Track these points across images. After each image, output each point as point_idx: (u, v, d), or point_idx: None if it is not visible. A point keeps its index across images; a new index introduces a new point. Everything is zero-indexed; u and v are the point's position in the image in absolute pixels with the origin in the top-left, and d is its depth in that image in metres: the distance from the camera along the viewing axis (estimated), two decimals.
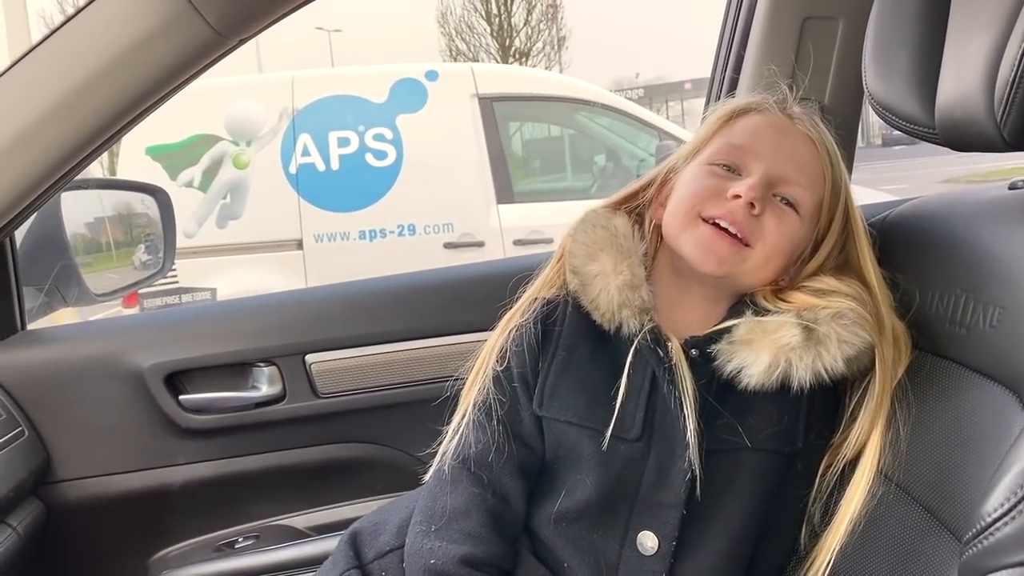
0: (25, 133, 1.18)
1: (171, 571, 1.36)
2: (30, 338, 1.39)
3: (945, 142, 0.82)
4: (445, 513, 0.86)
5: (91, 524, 1.37)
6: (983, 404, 0.71)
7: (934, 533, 0.72)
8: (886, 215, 0.99)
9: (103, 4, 1.18)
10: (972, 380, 0.75)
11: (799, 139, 0.91)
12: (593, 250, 0.89)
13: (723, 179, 0.88)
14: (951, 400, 0.77)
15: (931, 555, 0.70)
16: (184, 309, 1.26)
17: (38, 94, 1.18)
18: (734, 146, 0.91)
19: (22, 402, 1.32)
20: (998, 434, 0.66)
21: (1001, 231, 0.78)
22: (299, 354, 1.38)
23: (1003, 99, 0.71)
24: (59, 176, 1.24)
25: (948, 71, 0.80)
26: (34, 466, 1.28)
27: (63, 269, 1.45)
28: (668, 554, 0.83)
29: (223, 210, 4.98)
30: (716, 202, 0.86)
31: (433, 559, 0.84)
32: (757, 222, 0.86)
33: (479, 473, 0.87)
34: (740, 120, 0.93)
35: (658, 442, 0.84)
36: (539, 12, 16.41)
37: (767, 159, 0.88)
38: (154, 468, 1.38)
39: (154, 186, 1.61)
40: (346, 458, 1.42)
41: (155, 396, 1.35)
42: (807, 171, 0.89)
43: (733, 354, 0.83)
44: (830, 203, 0.90)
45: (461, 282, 1.43)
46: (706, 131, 0.95)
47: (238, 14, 1.18)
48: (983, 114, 0.74)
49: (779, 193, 0.87)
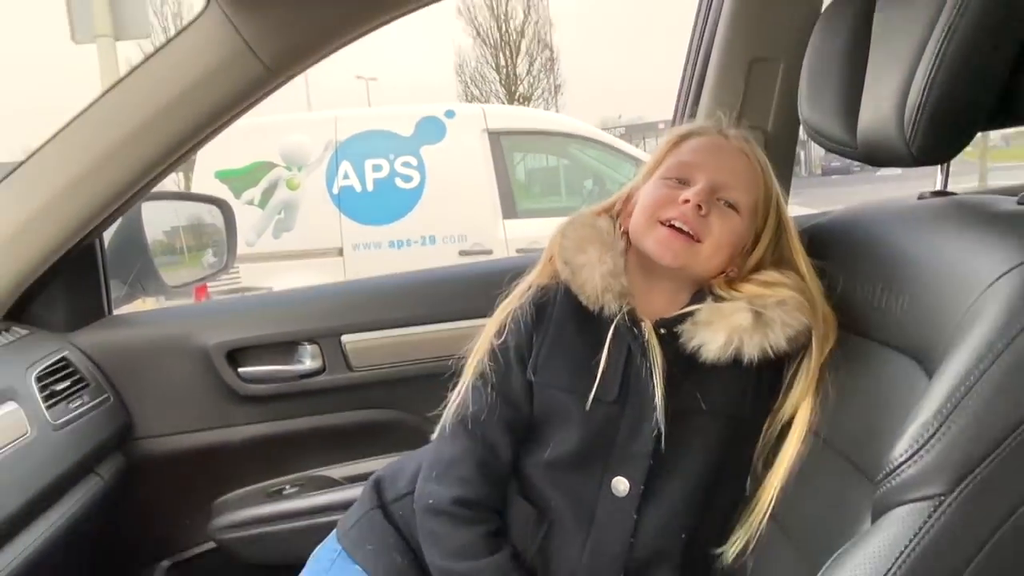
0: (111, 152, 1.19)
1: (230, 513, 1.37)
2: (115, 321, 1.40)
3: (864, 158, 0.83)
4: (443, 462, 0.87)
5: (164, 474, 1.37)
6: (894, 372, 0.72)
7: (854, 478, 0.72)
8: (819, 222, 1.00)
9: (175, 45, 1.20)
10: (886, 354, 0.75)
11: (734, 153, 0.92)
12: (582, 244, 0.89)
13: (675, 189, 0.89)
14: (869, 370, 0.77)
15: (851, 496, 0.71)
16: (243, 298, 1.27)
17: (121, 120, 1.19)
18: (682, 163, 0.91)
19: (108, 373, 1.33)
20: (906, 396, 0.66)
21: (910, 233, 0.78)
22: (336, 335, 1.38)
23: (911, 122, 0.72)
24: (138, 188, 1.25)
25: (867, 101, 0.81)
26: (117, 426, 1.30)
27: (143, 266, 1.47)
28: (637, 496, 0.84)
29: (278, 224, 5.00)
30: (670, 207, 0.87)
31: (431, 499, 0.86)
32: (705, 221, 0.86)
33: (473, 429, 0.87)
34: (685, 142, 0.94)
35: (631, 404, 0.85)
36: (539, 64, 16.44)
37: (709, 170, 0.89)
38: (216, 428, 1.39)
39: (220, 199, 1.62)
40: (373, 420, 1.42)
41: (218, 369, 1.36)
42: (743, 178, 0.90)
43: (695, 333, 0.84)
44: (764, 204, 0.91)
45: (467, 277, 1.43)
46: (659, 153, 0.96)
47: (287, 54, 1.19)
48: (895, 135, 0.74)
49: (722, 197, 0.88)
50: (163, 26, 11.41)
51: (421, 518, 0.87)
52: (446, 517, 0.85)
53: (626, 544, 0.84)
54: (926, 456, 0.58)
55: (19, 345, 1.21)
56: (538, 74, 16.65)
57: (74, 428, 1.16)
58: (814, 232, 0.97)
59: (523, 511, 0.87)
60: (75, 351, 1.29)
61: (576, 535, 0.85)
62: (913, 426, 0.59)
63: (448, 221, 4.89)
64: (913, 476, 0.58)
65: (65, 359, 1.25)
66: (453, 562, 0.83)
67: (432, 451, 0.91)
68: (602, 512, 0.85)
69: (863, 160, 0.84)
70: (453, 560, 0.83)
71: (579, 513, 0.86)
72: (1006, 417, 0.56)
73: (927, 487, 0.57)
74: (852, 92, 0.84)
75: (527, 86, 16.64)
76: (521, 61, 16.45)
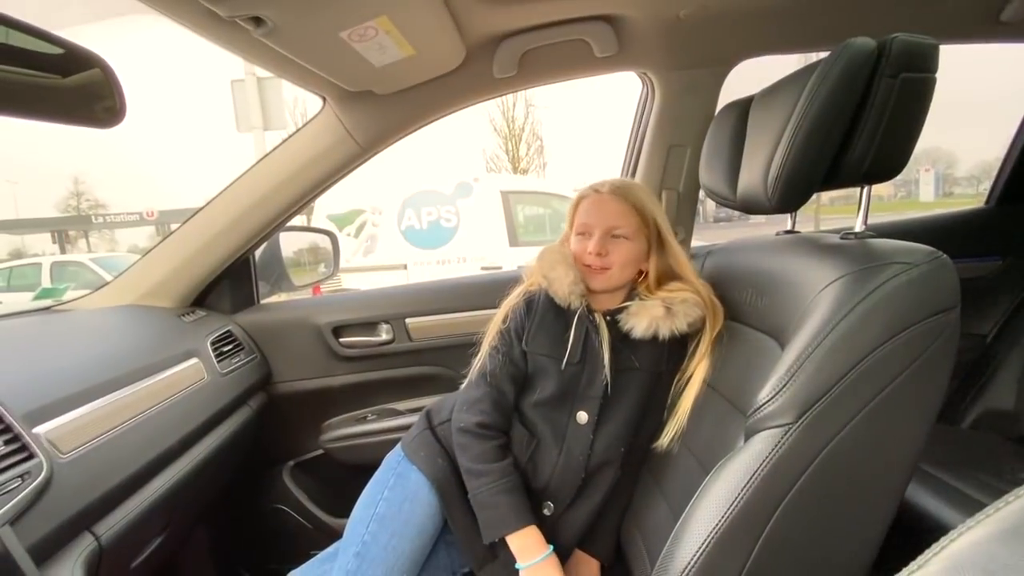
0: (259, 201, 1.20)
1: (332, 431, 1.37)
2: (262, 308, 1.40)
3: (742, 208, 0.82)
4: (471, 400, 0.86)
5: (290, 406, 1.37)
6: (762, 347, 0.71)
7: (733, 414, 0.71)
8: (712, 249, 0.99)
9: (301, 133, 1.20)
10: (754, 334, 0.74)
11: (609, 201, 0.86)
12: (554, 264, 0.87)
13: (584, 240, 0.86)
14: (744, 344, 0.76)
15: (731, 425, 0.70)
16: (344, 294, 1.27)
17: (266, 181, 1.20)
18: (580, 222, 0.88)
19: (257, 341, 1.33)
20: (766, 361, 0.65)
21: (771, 257, 0.77)
22: (403, 318, 1.38)
23: (772, 185, 0.71)
24: (276, 224, 1.25)
25: (744, 171, 0.81)
26: (262, 375, 1.29)
27: (279, 273, 1.46)
28: (593, 424, 0.84)
29: (366, 248, 4.99)
30: (585, 256, 0.85)
31: (462, 424, 0.85)
32: (607, 257, 0.84)
33: (490, 381, 0.86)
34: (580, 204, 0.90)
35: (589, 364, 0.84)
36: (534, 149, 16.52)
37: (597, 221, 0.86)
38: (324, 377, 1.38)
39: (330, 231, 1.62)
40: (425, 374, 1.41)
41: (326, 339, 1.36)
42: (622, 217, 0.85)
43: (628, 320, 0.83)
44: (643, 223, 0.86)
45: (485, 282, 1.43)
46: (570, 214, 0.91)
47: (374, 137, 1.19)
48: (761, 192, 0.74)
49: (614, 233, 0.85)
50: (295, 121, 11.52)
51: (456, 435, 0.86)
52: (472, 435, 0.84)
53: (586, 454, 0.83)
54: (779, 399, 0.57)
55: (200, 321, 1.21)
56: (532, 155, 16.68)
57: (234, 376, 1.16)
58: (709, 256, 0.97)
59: (520, 433, 0.86)
60: (236, 326, 1.29)
61: (553, 449, 0.85)
62: (772, 379, 0.59)
63: (474, 247, 4.89)
64: (771, 411, 0.58)
65: (229, 331, 1.25)
66: (476, 464, 0.82)
67: (463, 393, 0.90)
68: (570, 434, 0.84)
69: (741, 210, 0.83)
70: (476, 463, 0.82)
71: (555, 435, 0.85)
72: (829, 376, 0.56)
73: (780, 418, 0.57)
74: (734, 166, 0.83)
75: (525, 163, 16.68)
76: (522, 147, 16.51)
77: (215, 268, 1.25)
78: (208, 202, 1.21)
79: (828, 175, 0.69)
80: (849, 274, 0.59)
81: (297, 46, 0.87)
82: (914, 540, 0.43)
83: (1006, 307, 1.44)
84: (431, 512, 0.86)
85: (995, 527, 0.23)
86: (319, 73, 0.99)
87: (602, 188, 0.88)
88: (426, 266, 4.89)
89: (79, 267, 7.92)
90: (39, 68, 0.56)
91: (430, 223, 4.94)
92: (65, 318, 1.09)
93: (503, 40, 1.13)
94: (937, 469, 1.05)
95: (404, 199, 4.99)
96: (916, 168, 21.08)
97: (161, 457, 0.85)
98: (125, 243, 21.89)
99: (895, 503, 0.59)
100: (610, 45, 1.14)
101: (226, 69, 5.38)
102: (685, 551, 0.57)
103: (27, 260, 9.30)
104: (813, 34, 1.18)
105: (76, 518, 0.66)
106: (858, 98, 0.64)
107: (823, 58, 0.68)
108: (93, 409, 0.75)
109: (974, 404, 1.36)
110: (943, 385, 0.57)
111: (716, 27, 1.13)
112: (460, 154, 15.27)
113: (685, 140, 1.27)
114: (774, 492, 0.55)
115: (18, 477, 0.60)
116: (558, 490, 0.84)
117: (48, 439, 0.67)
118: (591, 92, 18.62)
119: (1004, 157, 1.58)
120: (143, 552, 0.86)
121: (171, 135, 25.69)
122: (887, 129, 0.63)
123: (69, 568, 0.64)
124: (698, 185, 1.23)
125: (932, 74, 0.62)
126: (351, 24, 0.83)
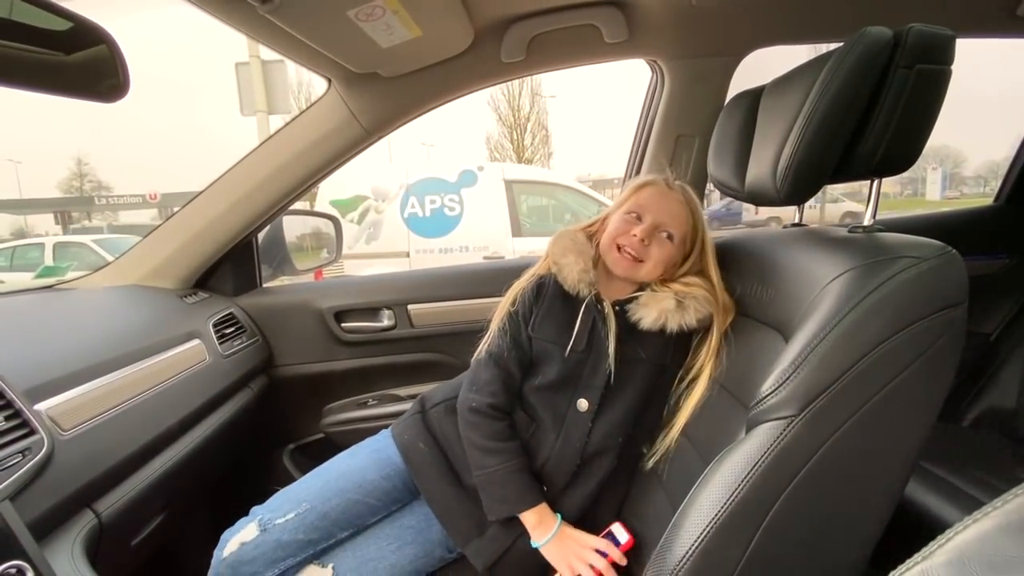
0: (261, 183, 1.19)
1: (333, 415, 1.37)
2: (264, 291, 1.40)
3: (749, 200, 0.81)
4: (481, 381, 0.86)
5: (293, 389, 1.37)
6: (766, 340, 0.70)
7: (737, 408, 0.71)
8: (723, 240, 0.98)
9: (305, 115, 1.19)
10: (761, 328, 0.74)
11: (673, 200, 0.88)
12: (565, 251, 0.88)
13: (630, 224, 0.87)
14: (751, 338, 0.76)
15: (733, 419, 0.70)
16: (346, 278, 1.26)
17: (269, 163, 1.19)
18: (638, 204, 0.89)
19: (258, 323, 1.33)
20: (771, 354, 0.65)
21: (777, 249, 0.77)
22: (404, 304, 1.37)
23: (781, 177, 0.70)
24: (279, 207, 1.24)
25: (752, 163, 0.80)
26: (263, 357, 1.29)
27: (282, 256, 1.46)
28: (593, 411, 0.83)
29: (368, 235, 4.96)
30: (624, 237, 0.86)
31: (474, 403, 0.85)
32: (647, 249, 0.85)
33: (498, 361, 0.86)
34: (643, 189, 0.91)
35: (594, 353, 0.84)
36: (539, 139, 16.39)
37: (655, 211, 0.87)
38: (325, 361, 1.38)
39: (333, 215, 1.61)
40: (425, 360, 1.41)
41: (328, 323, 1.36)
42: (677, 219, 0.87)
43: (637, 310, 0.83)
44: (692, 235, 0.88)
45: (486, 271, 1.42)
46: (626, 194, 0.93)
47: (379, 121, 1.18)
48: (770, 185, 0.73)
49: (662, 230, 0.86)
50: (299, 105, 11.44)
51: (466, 415, 0.85)
52: (483, 415, 0.84)
53: (583, 441, 0.83)
54: (782, 391, 0.57)
55: (203, 303, 1.21)
56: (537, 145, 16.56)
57: (235, 358, 1.16)
58: (718, 245, 0.96)
59: (521, 417, 0.86)
60: (238, 309, 1.29)
61: (552, 433, 0.85)
62: (775, 371, 0.58)
63: (477, 237, 4.85)
64: (774, 404, 0.57)
65: (231, 313, 1.25)
66: (490, 441, 0.82)
67: (470, 374, 0.90)
68: (569, 420, 0.84)
69: (748, 201, 0.82)
70: (491, 440, 0.82)
71: (555, 420, 0.85)
72: (834, 369, 0.55)
73: (783, 411, 0.56)
74: (743, 157, 0.82)
75: (530, 152, 16.57)
76: (527, 137, 16.39)
77: (217, 250, 1.25)
78: (211, 183, 1.20)
79: (838, 167, 0.68)
80: (857, 267, 0.58)
81: (303, 24, 0.86)
82: (912, 536, 0.43)
83: (1011, 306, 1.43)
84: (388, 487, 0.88)
85: (1001, 520, 0.23)
86: (325, 53, 0.98)
87: (673, 183, 0.89)
88: (429, 254, 4.86)
89: (81, 247, 7.93)
90: (45, 46, 0.55)
91: (433, 211, 4.90)
92: (67, 297, 1.09)
93: (512, 23, 1.11)
94: (937, 466, 1.05)
95: (407, 186, 4.94)
96: (923, 166, 20.92)
97: (162, 437, 0.85)
98: (127, 225, 21.90)
99: (895, 498, 0.58)
100: (620, 31, 1.12)
101: (231, 52, 5.34)
102: (683, 540, 0.57)
103: (30, 240, 9.30)
104: (828, 24, 1.16)
105: (77, 495, 0.66)
106: (872, 88, 0.62)
107: (835, 48, 0.66)
108: (94, 387, 0.76)
109: (976, 402, 1.36)
110: (948, 381, 0.57)
111: (729, 14, 1.11)
112: (465, 142, 15.17)
113: (693, 130, 1.26)
114: (775, 484, 0.55)
115: (19, 453, 0.60)
116: (552, 474, 0.85)
117: (49, 416, 0.67)
118: (600, 81, 18.49)
119: (1014, 155, 1.56)
120: (143, 530, 0.86)
121: (175, 118, 25.58)
122: (900, 121, 0.62)
123: (69, 544, 0.64)
124: (705, 176, 1.22)
125: (948, 66, 0.61)
126: (359, 2, 0.81)
